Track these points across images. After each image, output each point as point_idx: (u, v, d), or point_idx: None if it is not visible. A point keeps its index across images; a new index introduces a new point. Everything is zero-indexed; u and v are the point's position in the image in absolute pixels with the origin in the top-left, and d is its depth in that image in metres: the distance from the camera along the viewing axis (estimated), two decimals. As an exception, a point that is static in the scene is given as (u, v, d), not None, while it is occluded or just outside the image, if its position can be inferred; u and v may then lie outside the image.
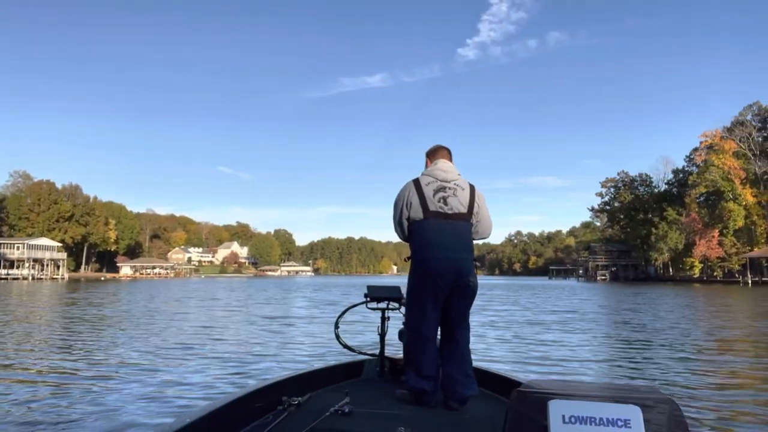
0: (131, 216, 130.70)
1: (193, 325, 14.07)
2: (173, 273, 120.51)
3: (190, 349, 9.42)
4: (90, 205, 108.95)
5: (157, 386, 6.34)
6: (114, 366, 7.71)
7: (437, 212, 3.20)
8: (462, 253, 3.19)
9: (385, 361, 4.00)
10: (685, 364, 8.42)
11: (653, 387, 1.77)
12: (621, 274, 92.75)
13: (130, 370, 7.42)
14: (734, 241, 73.64)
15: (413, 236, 3.29)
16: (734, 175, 73.78)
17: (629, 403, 1.54)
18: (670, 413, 1.57)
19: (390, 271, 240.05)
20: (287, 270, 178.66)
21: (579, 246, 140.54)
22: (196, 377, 6.92)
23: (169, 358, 8.42)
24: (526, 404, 1.69)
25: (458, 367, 3.20)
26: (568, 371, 7.73)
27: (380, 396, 3.39)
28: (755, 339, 11.89)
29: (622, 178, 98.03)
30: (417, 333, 3.26)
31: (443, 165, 3.35)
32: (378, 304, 4.04)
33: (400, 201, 3.33)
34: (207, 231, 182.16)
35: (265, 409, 2.89)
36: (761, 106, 79.77)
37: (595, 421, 1.52)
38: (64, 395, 5.84)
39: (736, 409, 5.55)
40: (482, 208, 3.35)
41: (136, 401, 5.58)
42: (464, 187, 3.30)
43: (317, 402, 3.03)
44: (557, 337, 11.87)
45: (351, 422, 2.75)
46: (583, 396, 1.61)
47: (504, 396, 3.25)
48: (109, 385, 6.44)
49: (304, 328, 13.63)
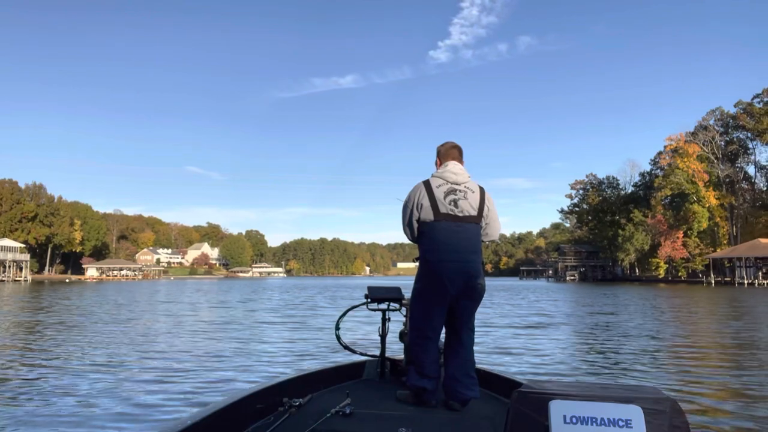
0: (97, 216, 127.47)
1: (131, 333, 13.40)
2: (141, 275, 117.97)
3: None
4: (54, 205, 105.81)
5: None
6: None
7: (448, 214, 3.19)
8: (471, 256, 3.20)
9: (386, 361, 3.99)
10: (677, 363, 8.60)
11: (654, 387, 1.79)
12: (589, 275, 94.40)
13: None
14: (698, 242, 75.73)
15: (423, 238, 3.28)
16: (698, 177, 75.88)
17: (630, 403, 1.54)
18: (671, 413, 1.58)
19: (363, 272, 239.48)
20: (259, 271, 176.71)
21: (549, 247, 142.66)
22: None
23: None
24: (526, 405, 1.69)
25: (461, 368, 3.20)
26: (568, 372, 7.79)
27: (381, 397, 3.39)
28: (739, 340, 12.22)
29: (590, 180, 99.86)
30: (421, 333, 3.27)
31: (454, 167, 3.34)
32: (379, 305, 4.02)
33: (410, 202, 3.31)
34: (176, 232, 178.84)
35: (266, 410, 2.88)
36: (723, 112, 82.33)
37: (596, 422, 1.52)
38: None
39: (736, 409, 5.63)
40: (492, 211, 3.35)
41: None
42: (474, 189, 3.30)
43: (318, 403, 3.03)
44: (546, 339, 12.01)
45: (352, 423, 2.75)
46: (584, 396, 1.62)
47: (505, 396, 3.27)
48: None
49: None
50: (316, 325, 14.89)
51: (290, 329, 14.01)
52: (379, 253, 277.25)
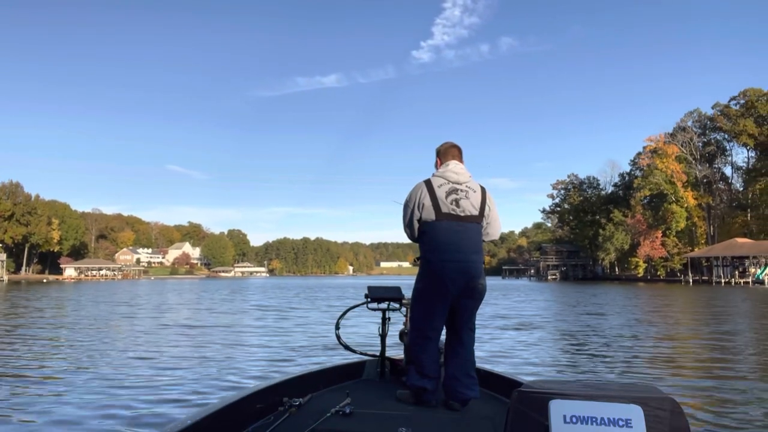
0: (76, 215, 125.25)
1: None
2: (121, 275, 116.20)
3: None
4: (32, 204, 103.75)
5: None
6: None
7: (449, 214, 3.19)
8: (473, 255, 3.20)
9: (386, 361, 3.98)
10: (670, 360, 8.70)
11: (654, 386, 1.80)
12: (570, 274, 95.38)
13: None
14: (676, 241, 76.93)
15: (424, 237, 3.27)
16: (677, 178, 77.08)
17: (630, 402, 1.55)
18: (671, 412, 1.59)
19: (346, 271, 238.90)
20: (241, 271, 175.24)
21: (531, 246, 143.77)
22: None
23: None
24: (527, 404, 1.69)
25: (461, 367, 3.20)
26: (568, 372, 7.83)
27: (381, 396, 3.39)
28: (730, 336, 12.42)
29: (571, 180, 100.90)
30: (421, 332, 3.27)
31: (455, 167, 3.34)
32: (378, 305, 4.01)
33: (411, 202, 3.30)
34: (157, 231, 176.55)
35: (266, 410, 2.88)
36: (701, 113, 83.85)
37: (596, 421, 1.52)
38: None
39: (735, 409, 5.66)
40: (493, 211, 3.36)
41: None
42: (476, 189, 3.30)
43: (318, 403, 3.03)
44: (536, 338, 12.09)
45: (352, 423, 2.75)
46: (584, 396, 1.63)
47: (505, 396, 3.27)
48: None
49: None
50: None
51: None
52: (363, 253, 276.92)
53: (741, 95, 78.11)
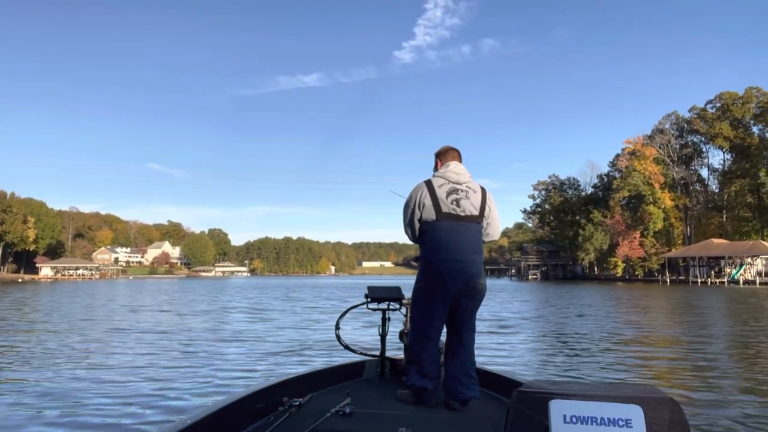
0: (52, 214, 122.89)
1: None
2: (98, 274, 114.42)
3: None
4: (6, 202, 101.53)
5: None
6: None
7: (450, 214, 3.20)
8: (473, 255, 3.21)
9: (386, 361, 3.98)
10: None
11: (654, 386, 1.80)
12: (551, 273, 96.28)
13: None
14: (654, 242, 78.14)
15: (425, 237, 3.28)
16: (654, 179, 78.29)
17: (630, 402, 1.55)
18: (671, 413, 1.59)
19: (328, 271, 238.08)
20: (222, 270, 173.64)
21: (512, 246, 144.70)
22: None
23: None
24: (527, 404, 1.69)
25: (462, 367, 3.20)
26: (568, 372, 7.85)
27: (381, 396, 3.38)
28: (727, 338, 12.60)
29: (552, 181, 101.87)
30: (421, 332, 3.27)
31: (455, 167, 3.36)
32: (378, 305, 4.01)
33: (412, 202, 3.30)
34: (136, 230, 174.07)
35: (266, 409, 2.87)
36: (678, 116, 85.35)
37: (596, 421, 1.52)
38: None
39: (735, 409, 5.72)
40: (493, 211, 3.37)
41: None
42: (476, 189, 3.32)
43: (318, 403, 3.01)
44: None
45: (352, 423, 2.74)
46: (584, 396, 1.63)
47: (505, 396, 3.28)
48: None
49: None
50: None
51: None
52: (345, 253, 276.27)
53: (717, 99, 79.65)
